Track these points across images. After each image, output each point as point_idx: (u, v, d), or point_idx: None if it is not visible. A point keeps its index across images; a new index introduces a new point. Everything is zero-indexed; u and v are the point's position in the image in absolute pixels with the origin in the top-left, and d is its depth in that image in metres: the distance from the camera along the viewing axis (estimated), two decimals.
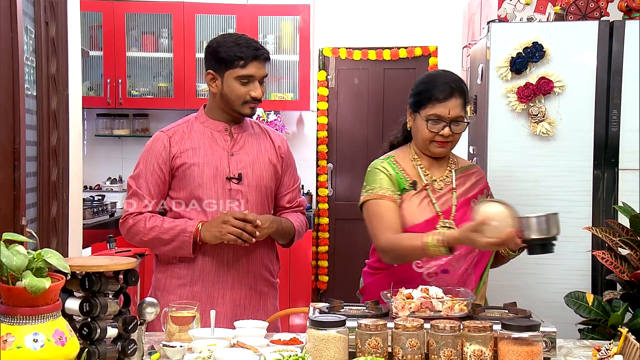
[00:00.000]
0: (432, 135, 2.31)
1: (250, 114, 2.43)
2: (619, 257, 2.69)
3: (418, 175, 2.36)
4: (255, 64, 2.35)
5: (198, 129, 2.44)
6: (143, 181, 2.39)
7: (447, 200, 2.35)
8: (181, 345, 1.87)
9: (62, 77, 2.60)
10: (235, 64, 2.34)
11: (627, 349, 1.81)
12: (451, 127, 2.29)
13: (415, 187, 2.35)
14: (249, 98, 2.36)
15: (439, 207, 2.33)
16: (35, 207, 2.45)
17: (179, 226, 2.33)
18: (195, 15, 5.10)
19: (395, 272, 2.33)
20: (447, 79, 2.33)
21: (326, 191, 5.68)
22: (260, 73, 2.37)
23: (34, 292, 1.44)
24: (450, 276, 2.30)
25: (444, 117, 2.29)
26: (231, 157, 2.41)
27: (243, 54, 2.33)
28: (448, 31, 5.50)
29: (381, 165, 2.38)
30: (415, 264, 2.31)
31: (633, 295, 2.65)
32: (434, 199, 2.33)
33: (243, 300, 2.42)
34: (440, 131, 2.29)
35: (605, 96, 3.17)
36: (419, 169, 2.37)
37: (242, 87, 2.36)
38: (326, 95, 5.66)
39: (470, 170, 2.46)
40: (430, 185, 2.35)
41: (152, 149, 2.41)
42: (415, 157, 2.39)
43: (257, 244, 2.38)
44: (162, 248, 2.36)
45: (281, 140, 2.55)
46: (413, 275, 2.28)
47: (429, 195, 2.34)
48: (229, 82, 2.36)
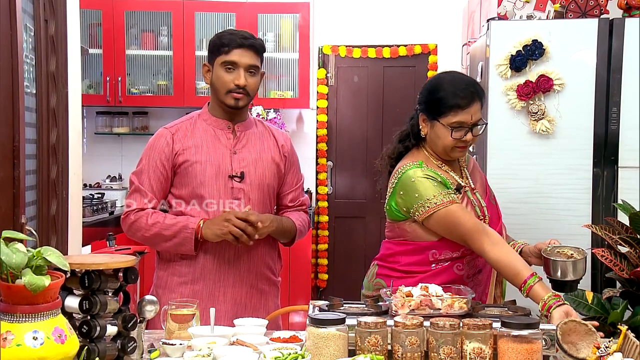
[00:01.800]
0: (455, 142, 2.27)
1: (233, 105, 2.37)
2: (618, 255, 2.70)
3: (453, 178, 2.33)
4: (240, 51, 2.34)
5: (201, 126, 2.43)
6: (145, 177, 2.38)
7: (478, 202, 2.36)
8: (181, 343, 1.87)
9: (61, 75, 2.60)
10: (221, 51, 2.35)
11: (627, 347, 1.81)
12: (472, 131, 2.27)
13: (459, 191, 2.31)
14: (232, 86, 2.34)
15: (478, 209, 2.33)
16: (35, 205, 2.45)
17: (181, 223, 2.32)
18: (194, 13, 5.10)
19: (436, 275, 2.29)
20: (465, 83, 2.28)
21: (326, 189, 5.68)
22: (244, 61, 2.34)
23: (34, 290, 1.44)
24: (482, 275, 2.33)
25: (467, 123, 2.25)
26: (234, 155, 2.40)
27: (227, 40, 2.34)
28: (448, 29, 5.50)
29: (425, 174, 2.28)
30: (457, 267, 2.30)
31: (632, 292, 2.65)
32: (474, 201, 2.34)
33: (244, 298, 2.41)
34: (463, 137, 2.26)
35: (605, 94, 3.17)
36: (451, 173, 2.35)
37: (227, 74, 2.35)
38: (326, 93, 5.66)
39: (471, 164, 2.47)
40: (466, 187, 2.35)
41: (155, 146, 2.40)
42: (439, 162, 2.35)
43: (258, 242, 2.38)
44: (164, 244, 2.36)
45: (285, 139, 2.55)
46: (454, 278, 2.27)
47: (470, 197, 2.33)
48: (216, 70, 2.37)
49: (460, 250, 2.29)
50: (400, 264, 2.37)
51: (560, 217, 3.19)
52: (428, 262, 2.33)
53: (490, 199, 2.42)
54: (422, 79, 5.60)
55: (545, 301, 2.03)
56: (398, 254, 2.38)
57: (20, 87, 2.18)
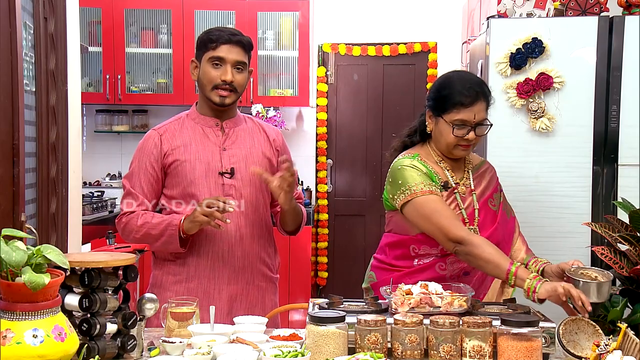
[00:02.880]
0: (457, 140, 2.28)
1: (219, 103, 2.37)
2: (618, 253, 2.69)
3: (446, 176, 2.35)
4: (227, 47, 2.34)
5: (189, 125, 2.43)
6: (136, 180, 2.39)
7: (470, 204, 2.35)
8: (181, 341, 1.87)
9: (61, 73, 2.59)
10: (208, 47, 2.35)
11: (626, 345, 1.81)
12: (475, 130, 2.28)
13: (446, 188, 2.33)
14: (219, 82, 2.34)
15: (465, 211, 2.32)
16: (35, 203, 2.45)
17: (166, 221, 2.32)
18: (194, 11, 5.10)
19: (415, 273, 2.31)
20: (471, 82, 2.30)
21: (325, 187, 5.68)
22: (231, 57, 2.34)
23: (34, 288, 1.44)
24: (470, 278, 2.32)
25: (470, 122, 2.26)
26: (223, 152, 2.40)
27: (215, 36, 2.35)
28: (447, 27, 5.50)
29: (412, 164, 2.32)
30: (439, 267, 2.31)
31: (632, 290, 2.65)
32: (461, 203, 2.33)
33: (240, 295, 2.41)
34: (465, 135, 2.27)
35: (605, 92, 3.17)
36: (446, 171, 2.36)
37: (213, 70, 2.35)
38: (325, 91, 5.66)
39: (483, 167, 2.47)
40: (457, 187, 2.35)
41: (144, 148, 2.41)
42: (439, 158, 2.37)
43: (252, 238, 2.38)
44: (154, 244, 2.35)
45: (276, 134, 2.54)
46: (436, 277, 2.26)
47: (457, 198, 2.33)
48: (203, 65, 2.37)
49: (439, 247, 2.29)
50: (388, 257, 2.41)
51: (560, 215, 3.19)
52: (410, 257, 2.36)
53: (490, 203, 2.39)
54: (422, 77, 5.60)
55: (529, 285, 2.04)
56: (386, 246, 2.43)
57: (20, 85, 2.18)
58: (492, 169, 2.50)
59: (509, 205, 2.49)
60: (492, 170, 2.50)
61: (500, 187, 2.49)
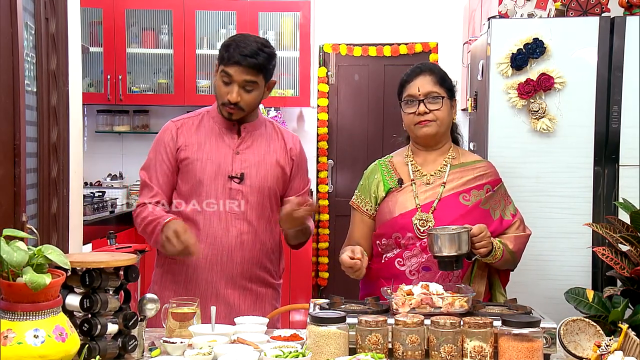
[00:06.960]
0: (411, 118, 2.35)
1: (227, 117, 2.36)
2: (619, 254, 2.69)
3: (407, 172, 2.40)
4: (236, 68, 2.28)
5: (207, 123, 2.42)
6: (153, 171, 2.39)
7: (433, 195, 2.35)
8: (182, 341, 1.87)
9: (62, 73, 2.59)
10: (223, 60, 2.32)
11: (627, 345, 1.81)
12: (426, 105, 2.32)
13: (401, 184, 2.39)
14: (226, 100, 2.31)
15: (421, 200, 2.34)
16: (36, 203, 2.45)
17: (158, 218, 2.27)
18: (195, 12, 5.09)
19: (382, 269, 2.36)
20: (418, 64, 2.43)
21: (326, 187, 5.68)
22: (239, 77, 2.29)
23: (35, 288, 1.45)
24: (432, 274, 2.29)
25: (416, 95, 2.33)
26: (236, 155, 2.38)
27: (229, 53, 2.29)
28: (448, 27, 5.50)
29: (370, 169, 2.49)
30: (397, 262, 2.33)
31: (633, 291, 2.65)
32: (417, 193, 2.36)
33: (237, 301, 2.37)
34: (416, 111, 2.33)
35: (606, 92, 3.17)
36: (409, 166, 2.41)
37: (223, 87, 2.32)
38: (326, 91, 5.66)
39: (474, 165, 2.41)
40: (418, 180, 2.37)
41: (161, 139, 2.41)
42: (409, 154, 2.44)
43: (254, 244, 2.37)
44: (149, 241, 2.34)
45: (294, 142, 2.49)
46: (397, 273, 2.31)
47: (413, 190, 2.37)
48: (217, 75, 2.35)
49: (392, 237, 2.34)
50: (372, 253, 2.45)
51: (561, 216, 3.19)
52: (379, 253, 2.40)
53: (462, 198, 2.34)
54: None
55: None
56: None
57: (21, 85, 2.18)
58: (487, 169, 2.42)
59: (507, 208, 2.40)
60: (488, 170, 2.42)
61: (498, 189, 2.40)
